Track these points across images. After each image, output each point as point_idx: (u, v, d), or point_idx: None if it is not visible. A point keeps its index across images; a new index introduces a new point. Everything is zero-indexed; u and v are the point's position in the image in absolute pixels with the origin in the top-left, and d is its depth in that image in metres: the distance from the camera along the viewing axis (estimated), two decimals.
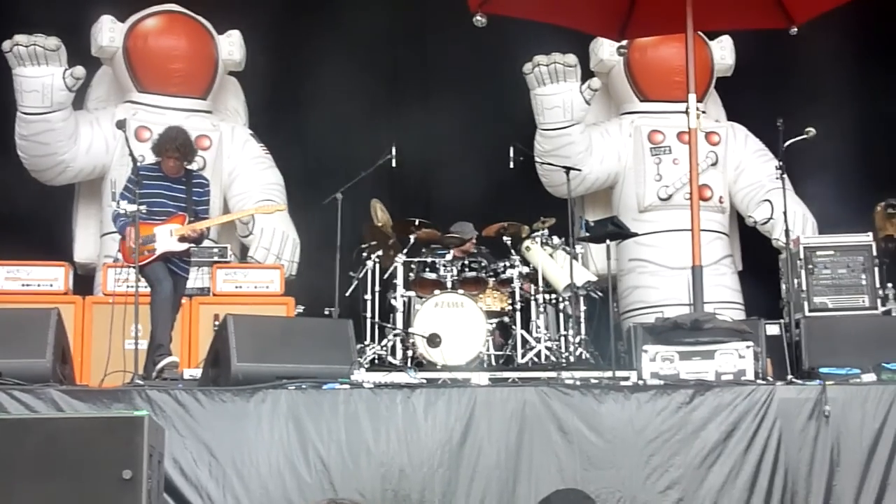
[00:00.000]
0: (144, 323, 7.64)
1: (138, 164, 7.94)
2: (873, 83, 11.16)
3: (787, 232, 8.89)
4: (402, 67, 12.20)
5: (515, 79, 10.74)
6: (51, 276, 9.35)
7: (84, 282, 10.26)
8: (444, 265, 9.41)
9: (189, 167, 8.17)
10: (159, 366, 7.48)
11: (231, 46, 10.96)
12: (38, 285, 9.27)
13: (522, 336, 9.20)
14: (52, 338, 6.56)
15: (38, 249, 9.82)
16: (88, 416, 5.38)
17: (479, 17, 8.19)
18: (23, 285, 9.24)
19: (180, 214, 7.88)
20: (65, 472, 4.69)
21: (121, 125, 8.07)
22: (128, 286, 7.60)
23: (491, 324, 9.15)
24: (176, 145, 7.92)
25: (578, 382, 6.90)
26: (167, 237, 7.79)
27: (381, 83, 12.06)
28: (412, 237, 9.56)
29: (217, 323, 8.04)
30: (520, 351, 9.11)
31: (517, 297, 9.33)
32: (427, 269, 9.42)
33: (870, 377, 7.05)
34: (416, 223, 9.66)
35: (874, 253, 9.48)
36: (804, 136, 8.51)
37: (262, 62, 11.27)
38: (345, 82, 11.52)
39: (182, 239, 7.86)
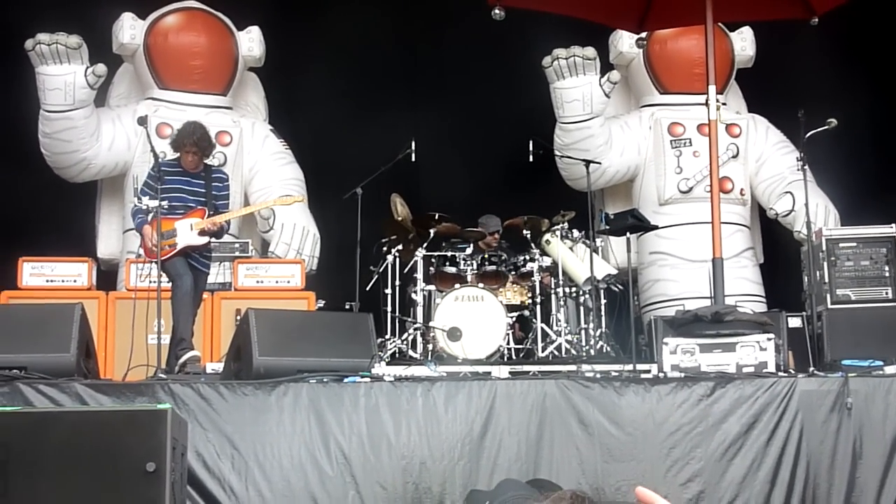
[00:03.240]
0: (167, 318, 7.69)
1: (160, 160, 7.99)
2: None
3: (808, 224, 8.86)
4: (419, 63, 12.21)
5: (534, 72, 10.73)
6: (74, 272, 9.42)
7: (107, 277, 10.34)
8: (464, 259, 9.43)
9: (208, 162, 8.23)
10: (182, 360, 7.53)
11: (251, 42, 11.00)
12: (63, 281, 9.35)
13: (543, 329, 9.21)
14: (76, 332, 6.60)
15: (61, 246, 9.90)
16: (112, 410, 5.41)
17: (497, 11, 8.19)
18: (47, 281, 9.32)
19: (200, 209, 7.93)
20: (89, 464, 4.70)
21: (142, 122, 8.14)
22: (150, 281, 7.67)
23: (511, 317, 9.16)
24: (194, 139, 7.98)
25: (599, 375, 6.90)
26: (187, 231, 7.85)
27: (398, 79, 12.07)
28: (432, 231, 9.57)
29: (239, 317, 8.07)
30: (540, 344, 9.12)
31: (537, 291, 9.34)
32: (447, 263, 9.43)
33: (893, 369, 6.99)
34: (436, 217, 9.67)
35: None
36: (826, 127, 8.46)
37: (278, 58, 11.30)
38: (362, 78, 11.55)
39: (202, 233, 7.91)
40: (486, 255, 9.49)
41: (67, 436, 4.78)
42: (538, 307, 9.30)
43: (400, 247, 9.53)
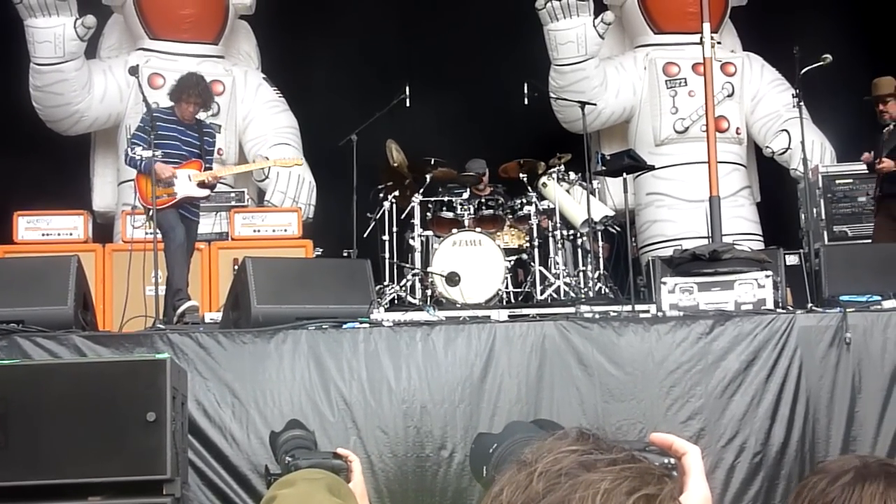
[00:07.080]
0: (164, 269, 7.67)
1: (153, 108, 7.93)
2: (891, 10, 10.99)
3: (805, 161, 8.82)
4: (415, 5, 12.07)
5: (530, 15, 10.63)
6: (70, 225, 9.41)
7: (103, 230, 10.32)
8: (461, 204, 9.40)
9: (199, 116, 8.18)
10: (180, 310, 7.51)
11: None
12: (59, 234, 9.34)
13: (541, 272, 9.20)
14: (73, 284, 6.56)
15: (57, 199, 9.86)
16: (111, 361, 5.40)
17: None
18: (43, 234, 9.31)
19: (195, 160, 7.90)
20: (89, 416, 4.70)
21: (133, 72, 8.09)
22: (146, 232, 7.64)
23: (509, 261, 9.14)
24: (198, 90, 7.95)
25: (597, 316, 6.89)
26: (186, 182, 7.82)
27: (393, 23, 11.94)
28: (428, 176, 9.54)
29: (236, 266, 8.06)
30: (538, 287, 9.11)
31: (535, 234, 9.32)
32: (444, 208, 9.41)
33: (891, 303, 6.98)
34: (432, 162, 9.64)
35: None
36: (821, 63, 8.41)
37: (272, 6, 11.19)
38: (354, 23, 11.43)
39: (201, 185, 7.88)
40: (483, 200, 9.47)
41: (67, 388, 4.77)
42: (536, 250, 9.29)
43: (396, 193, 9.49)
